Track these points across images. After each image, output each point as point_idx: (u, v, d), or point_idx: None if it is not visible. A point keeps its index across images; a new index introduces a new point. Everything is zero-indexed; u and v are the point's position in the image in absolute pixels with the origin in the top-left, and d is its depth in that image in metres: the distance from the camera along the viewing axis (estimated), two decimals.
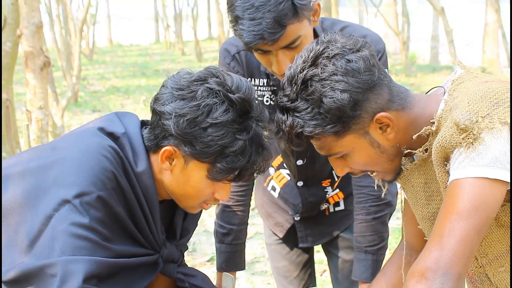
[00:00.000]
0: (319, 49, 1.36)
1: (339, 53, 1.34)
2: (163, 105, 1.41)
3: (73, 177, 1.33)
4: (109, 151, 1.37)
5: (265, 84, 1.91)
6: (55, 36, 13.54)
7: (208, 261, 4.36)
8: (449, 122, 1.29)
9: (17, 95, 10.15)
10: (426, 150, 1.40)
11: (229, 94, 1.38)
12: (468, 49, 18.93)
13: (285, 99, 1.37)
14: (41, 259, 1.28)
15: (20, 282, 1.30)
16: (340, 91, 1.31)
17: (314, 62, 1.35)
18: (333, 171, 2.10)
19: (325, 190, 2.13)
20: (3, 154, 4.41)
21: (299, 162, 2.04)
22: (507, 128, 1.24)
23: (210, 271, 4.10)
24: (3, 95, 4.15)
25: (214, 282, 1.92)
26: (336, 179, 2.12)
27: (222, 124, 1.37)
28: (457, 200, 1.23)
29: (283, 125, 1.38)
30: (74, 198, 1.30)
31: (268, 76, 1.90)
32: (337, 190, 2.14)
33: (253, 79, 1.91)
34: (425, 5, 16.92)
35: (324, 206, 2.16)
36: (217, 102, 1.37)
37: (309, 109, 1.34)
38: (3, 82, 4.12)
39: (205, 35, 26.48)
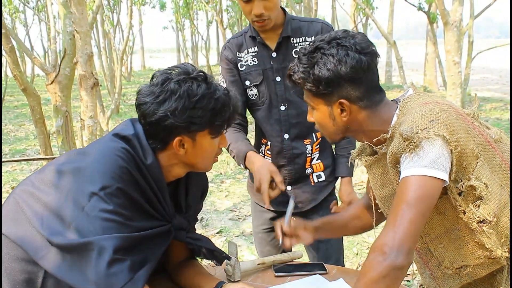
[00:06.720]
0: (338, 35, 1.37)
1: (347, 46, 1.34)
2: (154, 115, 1.36)
3: (98, 176, 1.32)
4: (123, 152, 1.35)
5: (247, 52, 2.06)
6: (102, 63, 13.53)
7: (217, 233, 4.35)
8: (397, 134, 1.30)
9: (74, 107, 10.14)
10: (382, 148, 1.40)
11: (190, 75, 1.38)
12: (413, 73, 19.00)
13: (302, 52, 1.40)
14: (82, 237, 1.28)
15: (68, 250, 1.31)
16: (327, 69, 1.32)
17: (328, 42, 1.36)
18: (312, 134, 2.10)
19: (306, 147, 2.10)
20: (63, 152, 4.41)
21: (282, 108, 2.06)
22: (441, 139, 1.24)
23: (219, 241, 4.10)
24: (63, 108, 4.14)
25: (223, 249, 1.91)
26: (315, 140, 2.11)
27: (202, 95, 1.36)
28: (405, 192, 1.22)
29: (290, 63, 1.43)
30: (99, 190, 1.29)
31: (247, 48, 2.06)
32: (319, 160, 2.12)
33: (240, 52, 2.06)
34: (381, 39, 16.91)
35: (308, 171, 2.13)
36: (189, 85, 1.36)
37: (306, 65, 1.36)
38: (63, 98, 4.10)
39: (215, 61, 26.45)
